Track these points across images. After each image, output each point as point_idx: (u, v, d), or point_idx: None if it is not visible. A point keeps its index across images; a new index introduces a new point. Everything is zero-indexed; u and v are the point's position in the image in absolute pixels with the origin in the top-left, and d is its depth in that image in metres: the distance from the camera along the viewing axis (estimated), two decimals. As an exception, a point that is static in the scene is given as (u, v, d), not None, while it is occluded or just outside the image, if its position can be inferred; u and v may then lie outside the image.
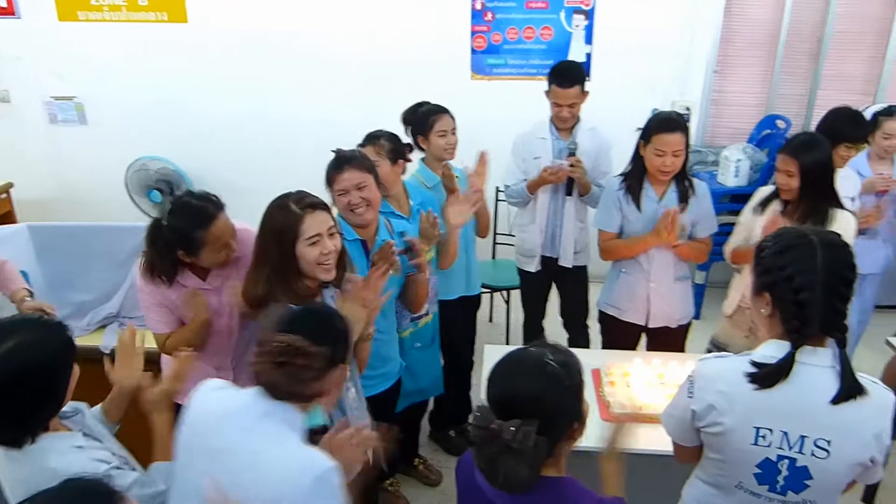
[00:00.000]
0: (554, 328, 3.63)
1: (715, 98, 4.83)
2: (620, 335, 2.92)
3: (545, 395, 1.32)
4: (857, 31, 4.64)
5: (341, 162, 2.27)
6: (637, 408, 2.31)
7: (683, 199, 2.72)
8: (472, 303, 3.24)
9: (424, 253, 2.43)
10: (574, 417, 1.38)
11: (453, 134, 2.91)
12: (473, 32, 4.68)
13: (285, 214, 1.91)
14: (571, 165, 3.04)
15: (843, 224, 2.43)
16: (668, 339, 2.89)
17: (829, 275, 1.45)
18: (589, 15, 4.64)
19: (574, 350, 1.46)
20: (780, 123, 4.50)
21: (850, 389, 1.46)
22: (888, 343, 2.96)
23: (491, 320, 4.64)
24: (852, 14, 4.59)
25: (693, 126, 4.73)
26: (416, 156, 2.92)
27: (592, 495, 1.40)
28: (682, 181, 2.73)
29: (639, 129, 2.73)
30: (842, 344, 1.48)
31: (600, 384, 2.50)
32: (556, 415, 1.33)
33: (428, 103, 2.98)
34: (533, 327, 3.60)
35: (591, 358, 2.43)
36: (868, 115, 3.45)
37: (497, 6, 4.62)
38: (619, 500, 1.45)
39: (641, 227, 2.73)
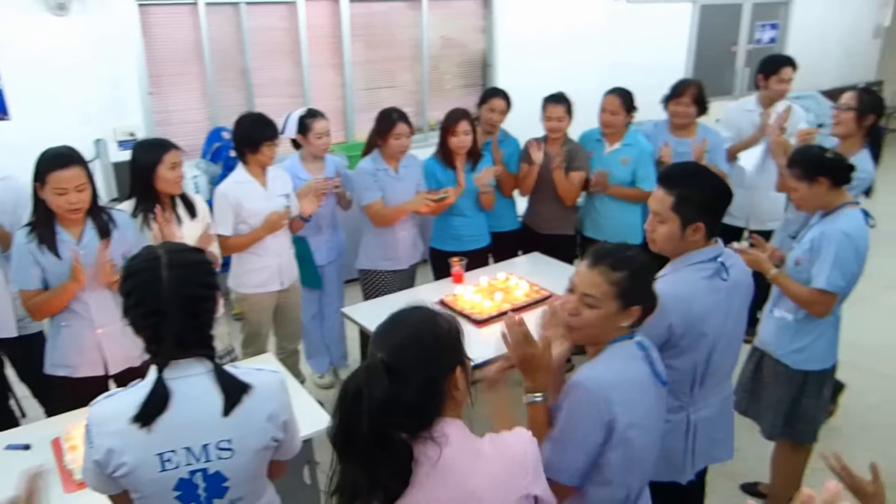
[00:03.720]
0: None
1: (159, 119, 4.79)
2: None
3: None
4: (273, 42, 5.09)
5: None
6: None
7: (104, 234, 2.58)
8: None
9: None
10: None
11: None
12: None
13: None
14: None
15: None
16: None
17: (176, 296, 1.47)
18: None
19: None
20: (225, 135, 4.69)
21: (233, 396, 1.53)
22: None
23: None
24: (264, 27, 5.01)
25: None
26: None
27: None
28: (99, 216, 2.59)
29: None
30: (211, 357, 1.55)
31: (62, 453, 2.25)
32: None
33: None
34: None
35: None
36: (294, 118, 3.69)
37: None
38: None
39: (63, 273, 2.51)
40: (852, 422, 3.59)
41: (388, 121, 3.52)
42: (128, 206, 2.90)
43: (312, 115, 3.62)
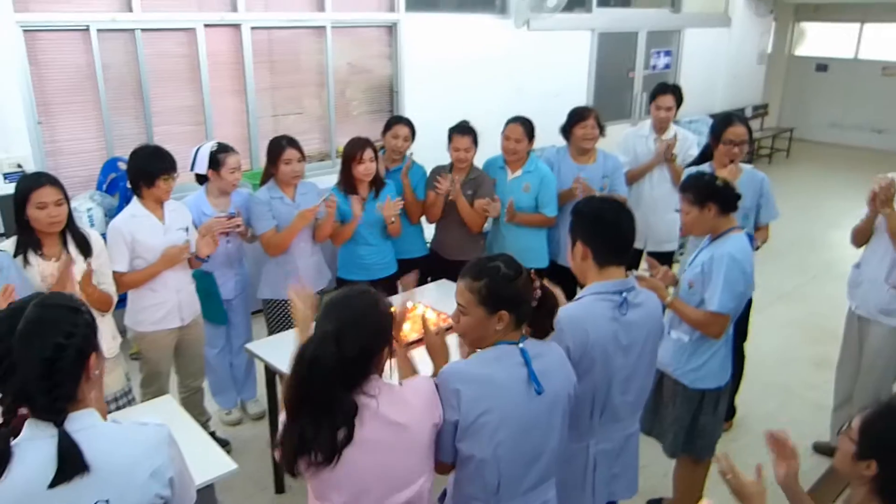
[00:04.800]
0: None
1: (50, 149, 4.55)
2: None
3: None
4: (171, 69, 4.94)
5: None
6: None
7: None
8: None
9: None
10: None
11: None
12: None
13: None
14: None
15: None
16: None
17: (24, 352, 1.38)
18: None
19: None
20: (122, 165, 4.50)
21: (66, 472, 1.39)
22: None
23: None
24: (162, 53, 4.86)
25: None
26: None
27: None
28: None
29: None
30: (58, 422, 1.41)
31: None
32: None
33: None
34: None
35: None
36: (205, 153, 3.50)
37: None
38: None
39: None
40: (750, 430, 3.77)
41: (278, 147, 3.50)
42: (10, 244, 2.74)
43: (224, 149, 3.53)
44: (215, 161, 3.49)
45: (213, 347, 3.77)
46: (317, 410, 1.62)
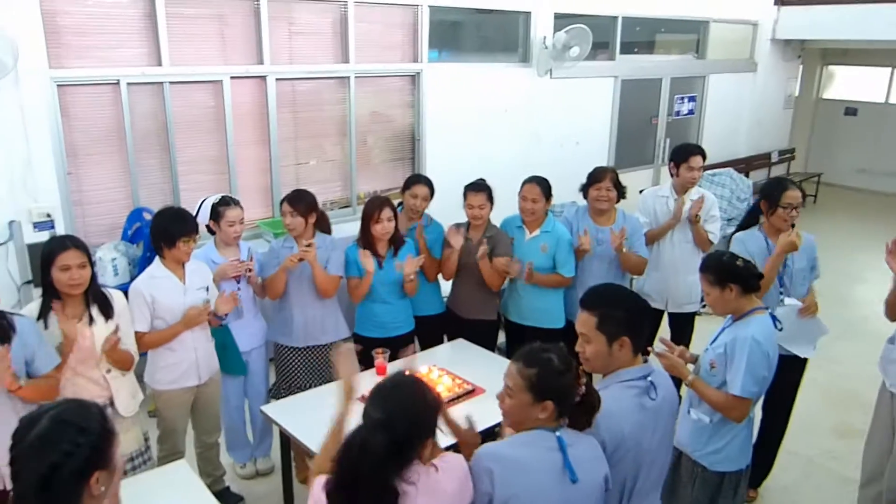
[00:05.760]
0: None
1: (77, 199, 4.64)
2: None
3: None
4: (197, 120, 5.04)
5: None
6: None
7: (4, 339, 2.47)
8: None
9: None
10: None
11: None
12: None
13: None
14: None
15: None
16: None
17: (27, 463, 1.43)
18: None
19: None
20: (147, 215, 4.57)
21: None
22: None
23: None
24: (189, 104, 4.97)
25: (62, 229, 4.48)
26: None
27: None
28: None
29: None
30: None
31: None
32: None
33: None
34: None
35: None
36: (207, 205, 3.66)
37: None
38: None
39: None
40: None
41: (281, 203, 3.68)
42: (34, 307, 2.80)
43: (226, 202, 3.63)
44: (216, 213, 3.58)
45: (230, 402, 3.78)
46: (361, 496, 1.70)
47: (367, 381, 3.29)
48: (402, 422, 1.73)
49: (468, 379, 3.31)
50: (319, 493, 1.75)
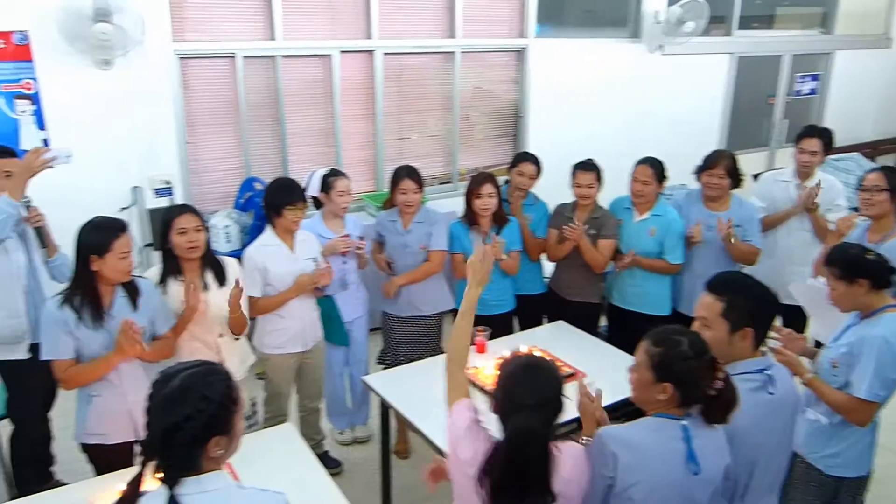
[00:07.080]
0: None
1: (194, 167, 4.87)
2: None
3: None
4: (307, 93, 5.16)
5: None
6: None
7: (133, 301, 2.62)
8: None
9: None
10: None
11: None
12: None
13: None
14: None
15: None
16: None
17: (157, 420, 1.53)
18: (34, 100, 4.24)
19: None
20: (258, 185, 4.75)
21: None
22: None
23: None
24: (299, 78, 5.09)
25: (179, 196, 4.71)
26: None
27: None
28: (131, 284, 2.64)
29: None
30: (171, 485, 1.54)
31: None
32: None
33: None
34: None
35: None
36: (318, 177, 3.76)
37: None
38: None
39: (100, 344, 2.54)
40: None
41: (396, 176, 3.71)
42: (155, 272, 2.95)
43: (335, 174, 3.71)
44: (326, 184, 3.66)
45: (332, 370, 3.89)
46: (535, 467, 1.74)
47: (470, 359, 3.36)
48: (556, 402, 1.78)
49: (568, 362, 3.26)
50: (464, 412, 1.89)
